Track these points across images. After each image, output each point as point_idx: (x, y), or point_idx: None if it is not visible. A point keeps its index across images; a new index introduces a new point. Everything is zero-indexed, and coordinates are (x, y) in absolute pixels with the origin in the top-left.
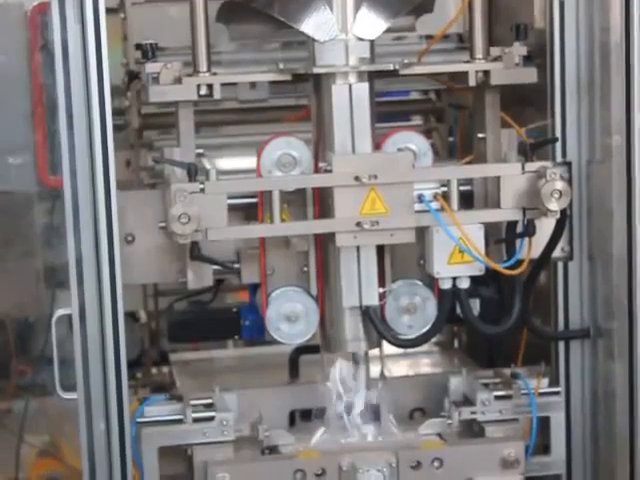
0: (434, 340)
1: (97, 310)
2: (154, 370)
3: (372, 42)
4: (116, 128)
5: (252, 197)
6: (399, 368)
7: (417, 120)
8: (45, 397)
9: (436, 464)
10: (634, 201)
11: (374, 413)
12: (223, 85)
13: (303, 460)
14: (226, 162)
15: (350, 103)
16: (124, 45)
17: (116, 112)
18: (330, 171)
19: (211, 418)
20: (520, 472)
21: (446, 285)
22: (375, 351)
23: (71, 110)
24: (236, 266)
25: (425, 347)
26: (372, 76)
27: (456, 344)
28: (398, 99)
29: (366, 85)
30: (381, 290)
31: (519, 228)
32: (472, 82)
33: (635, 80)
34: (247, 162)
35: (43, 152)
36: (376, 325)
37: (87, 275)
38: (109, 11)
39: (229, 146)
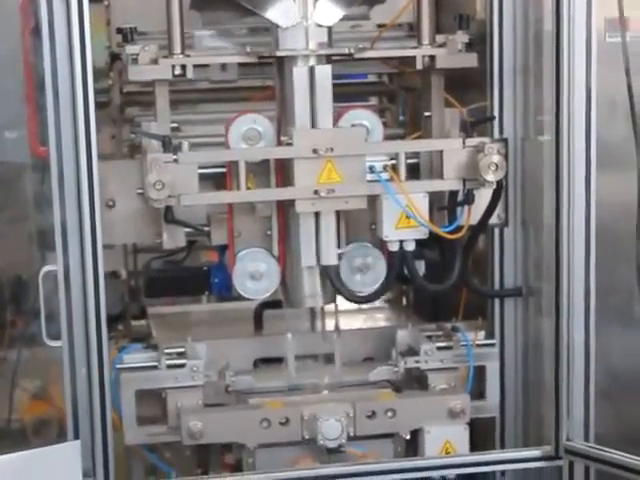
0: (384, 298)
1: (80, 267)
2: (134, 323)
3: (330, 28)
4: (101, 105)
5: (221, 167)
6: (353, 322)
7: (373, 101)
8: (36, 347)
9: (389, 414)
10: (562, 174)
11: (329, 361)
12: (196, 66)
13: (269, 410)
14: (199, 136)
15: (310, 83)
16: (108, 30)
17: (101, 91)
18: (291, 144)
19: (183, 365)
20: (465, 421)
21: (394, 247)
22: (331, 306)
23: (57, 87)
24: (206, 229)
25: (376, 304)
26: (330, 59)
27: (404, 301)
28: (356, 81)
29: (329, 67)
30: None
31: (460, 197)
32: (419, 66)
33: (564, 66)
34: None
35: (33, 125)
36: (334, 282)
37: (71, 237)
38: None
39: (203, 122)
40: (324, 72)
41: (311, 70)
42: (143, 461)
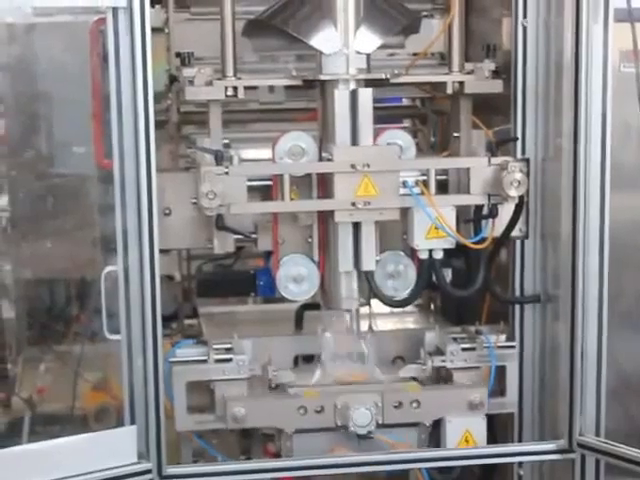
0: (414, 303)
1: (138, 268)
2: (186, 322)
3: (368, 55)
4: (160, 123)
5: (268, 180)
6: (385, 324)
7: (407, 123)
8: (97, 340)
9: (414, 405)
10: (578, 191)
11: (363, 359)
12: (246, 88)
13: (306, 399)
14: (249, 152)
15: (352, 104)
16: (167, 55)
17: (160, 110)
18: (331, 160)
19: (229, 359)
20: (484, 413)
21: (424, 255)
22: (366, 309)
23: (121, 107)
24: (254, 236)
25: (407, 308)
26: (368, 84)
27: (432, 306)
28: (392, 105)
29: (370, 90)
30: None
31: (485, 211)
32: (449, 91)
33: (582, 93)
34: (266, 153)
35: (99, 141)
36: (373, 287)
37: (131, 241)
38: (156, 30)
39: (253, 140)
40: (366, 95)
41: (354, 92)
42: (192, 446)
